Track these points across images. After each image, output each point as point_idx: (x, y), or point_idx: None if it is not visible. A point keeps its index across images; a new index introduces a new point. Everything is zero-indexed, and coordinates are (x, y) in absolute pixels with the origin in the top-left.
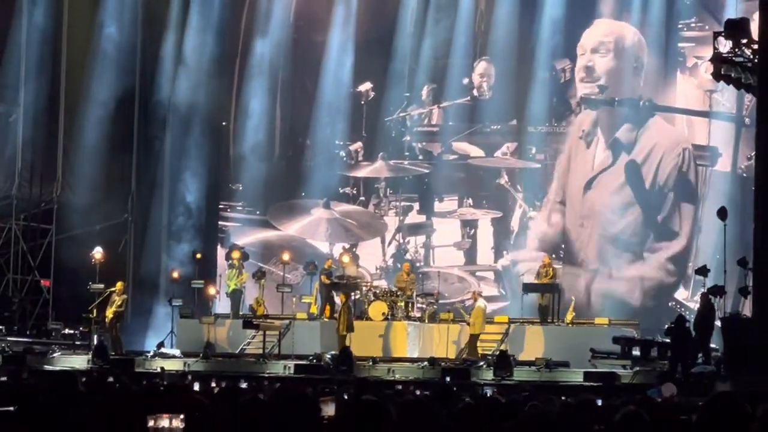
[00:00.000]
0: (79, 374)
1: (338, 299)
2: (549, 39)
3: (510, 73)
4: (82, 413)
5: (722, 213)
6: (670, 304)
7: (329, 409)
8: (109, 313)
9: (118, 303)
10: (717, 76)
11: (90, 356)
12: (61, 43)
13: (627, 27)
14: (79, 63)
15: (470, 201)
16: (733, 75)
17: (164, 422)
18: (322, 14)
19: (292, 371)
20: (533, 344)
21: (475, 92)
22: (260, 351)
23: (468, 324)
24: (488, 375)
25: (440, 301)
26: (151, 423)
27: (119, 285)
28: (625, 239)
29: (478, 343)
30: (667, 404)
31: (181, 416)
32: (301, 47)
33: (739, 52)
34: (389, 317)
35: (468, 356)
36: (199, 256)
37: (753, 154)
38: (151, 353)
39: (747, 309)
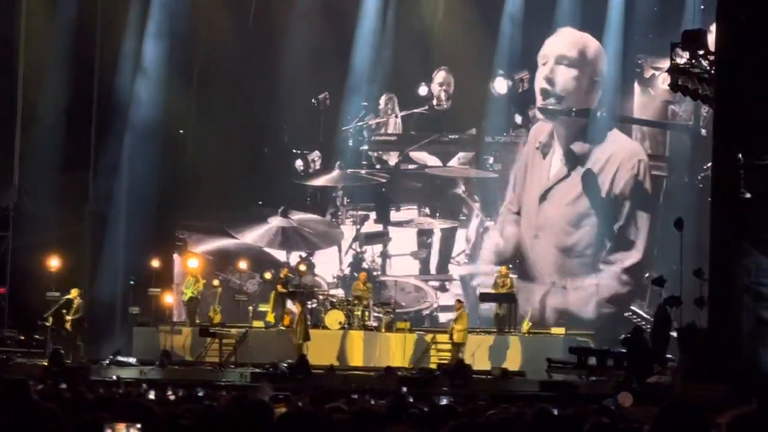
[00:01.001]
0: (32, 382)
1: (294, 308)
2: (508, 49)
3: (468, 83)
4: (34, 422)
5: (679, 224)
6: (626, 314)
7: None
8: (67, 321)
9: (74, 309)
10: (674, 87)
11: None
12: (18, 49)
13: (586, 37)
14: (36, 69)
15: (427, 210)
16: (690, 86)
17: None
18: (280, 22)
19: (248, 379)
20: (489, 354)
21: (433, 102)
22: (217, 359)
23: (451, 333)
24: (444, 384)
25: (397, 311)
26: None
27: (74, 291)
28: (581, 250)
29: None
30: (624, 414)
31: (138, 425)
32: (259, 55)
33: (696, 64)
34: (346, 326)
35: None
36: (156, 263)
37: (709, 164)
38: (107, 361)
39: (703, 320)
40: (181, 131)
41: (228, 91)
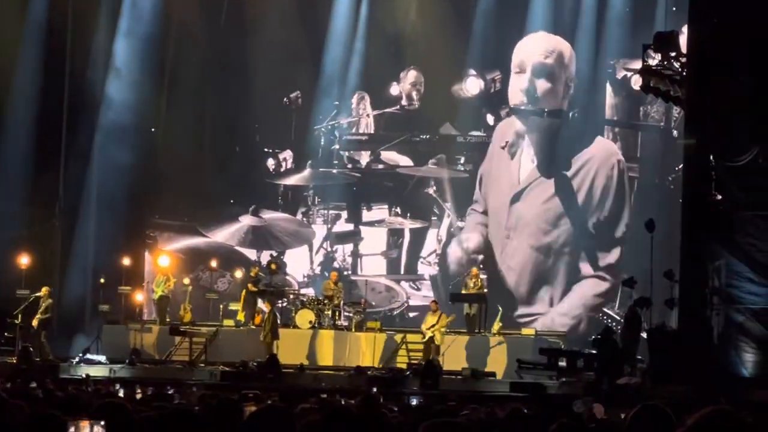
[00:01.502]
0: (1, 380)
1: (264, 306)
2: (480, 49)
3: (440, 82)
4: (2, 420)
5: (650, 225)
6: (597, 315)
7: None
8: (35, 319)
9: (43, 308)
10: (646, 88)
11: (15, 362)
12: None
13: (559, 41)
14: (6, 65)
15: (398, 210)
16: (661, 88)
17: (85, 429)
18: (253, 21)
19: (218, 378)
20: (460, 354)
21: (404, 101)
22: (187, 358)
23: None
24: (415, 384)
25: (367, 310)
26: (71, 430)
27: (44, 290)
28: (554, 251)
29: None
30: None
31: (102, 423)
32: (231, 53)
33: (668, 65)
34: (316, 325)
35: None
36: (126, 261)
37: (680, 166)
38: (77, 359)
39: (673, 321)
40: (152, 129)
41: (200, 90)
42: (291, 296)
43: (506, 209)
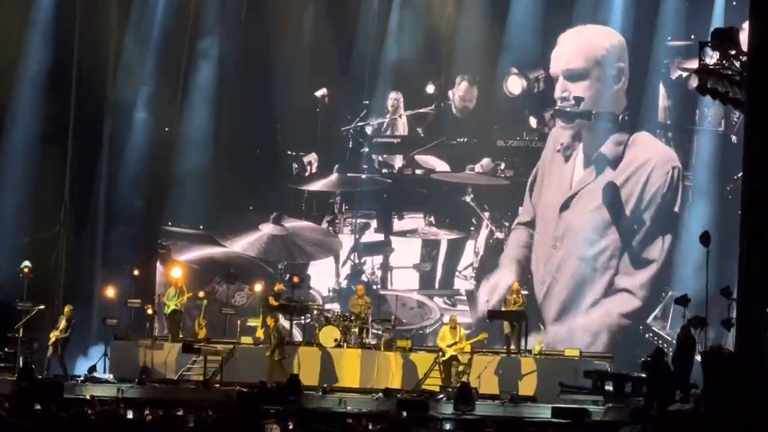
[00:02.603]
0: (2, 398)
1: (284, 322)
2: (522, 45)
3: (480, 82)
4: None
5: (705, 238)
6: (647, 335)
7: None
8: (53, 336)
9: (62, 327)
10: (703, 89)
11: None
12: None
13: (609, 33)
14: (8, 68)
15: (432, 219)
16: (720, 89)
17: None
18: (276, 12)
19: (235, 400)
20: (497, 376)
21: (441, 102)
22: (201, 378)
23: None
24: (448, 409)
25: (397, 328)
26: None
27: (67, 309)
28: (602, 263)
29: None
30: None
31: None
32: (251, 47)
33: (726, 65)
34: (342, 344)
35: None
36: (136, 272)
37: (739, 174)
38: (82, 378)
39: (730, 343)
40: (166, 129)
41: (217, 88)
42: (315, 312)
43: (555, 218)
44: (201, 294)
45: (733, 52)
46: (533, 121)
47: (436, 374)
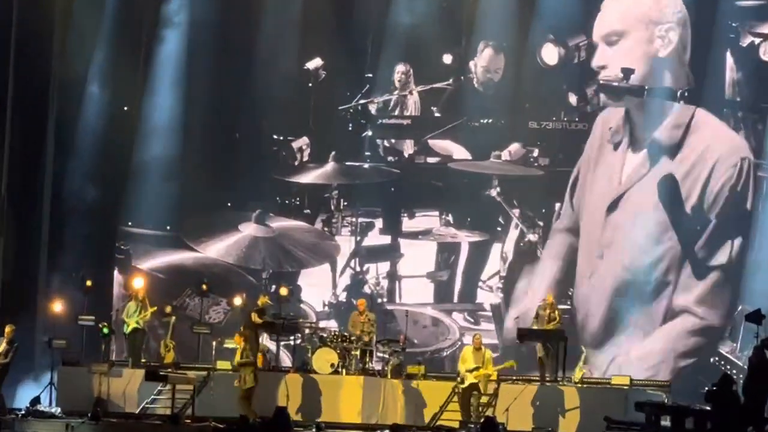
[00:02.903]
0: None
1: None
2: (558, 7)
3: (507, 52)
4: None
5: None
6: (711, 359)
7: None
8: None
9: (1, 351)
10: None
11: None
12: None
13: None
14: None
15: (450, 218)
16: None
17: None
18: None
19: None
20: (529, 408)
21: (460, 75)
22: (168, 411)
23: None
24: None
25: (408, 350)
26: None
27: (8, 330)
28: (657, 274)
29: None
30: None
31: None
32: (229, 11)
33: None
34: (340, 369)
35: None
36: (89, 283)
37: None
38: (23, 411)
39: None
40: (125, 108)
41: (187, 60)
42: (307, 331)
43: (601, 221)
44: (168, 309)
45: None
46: (573, 98)
47: (455, 407)
